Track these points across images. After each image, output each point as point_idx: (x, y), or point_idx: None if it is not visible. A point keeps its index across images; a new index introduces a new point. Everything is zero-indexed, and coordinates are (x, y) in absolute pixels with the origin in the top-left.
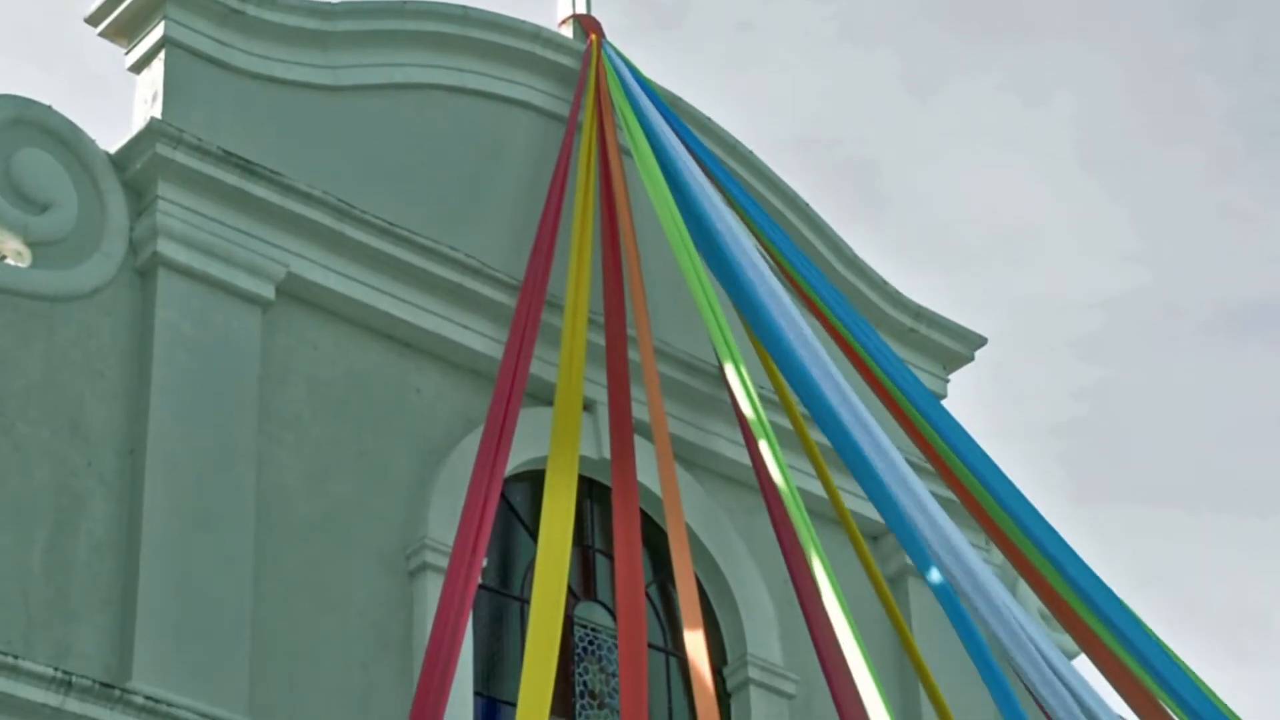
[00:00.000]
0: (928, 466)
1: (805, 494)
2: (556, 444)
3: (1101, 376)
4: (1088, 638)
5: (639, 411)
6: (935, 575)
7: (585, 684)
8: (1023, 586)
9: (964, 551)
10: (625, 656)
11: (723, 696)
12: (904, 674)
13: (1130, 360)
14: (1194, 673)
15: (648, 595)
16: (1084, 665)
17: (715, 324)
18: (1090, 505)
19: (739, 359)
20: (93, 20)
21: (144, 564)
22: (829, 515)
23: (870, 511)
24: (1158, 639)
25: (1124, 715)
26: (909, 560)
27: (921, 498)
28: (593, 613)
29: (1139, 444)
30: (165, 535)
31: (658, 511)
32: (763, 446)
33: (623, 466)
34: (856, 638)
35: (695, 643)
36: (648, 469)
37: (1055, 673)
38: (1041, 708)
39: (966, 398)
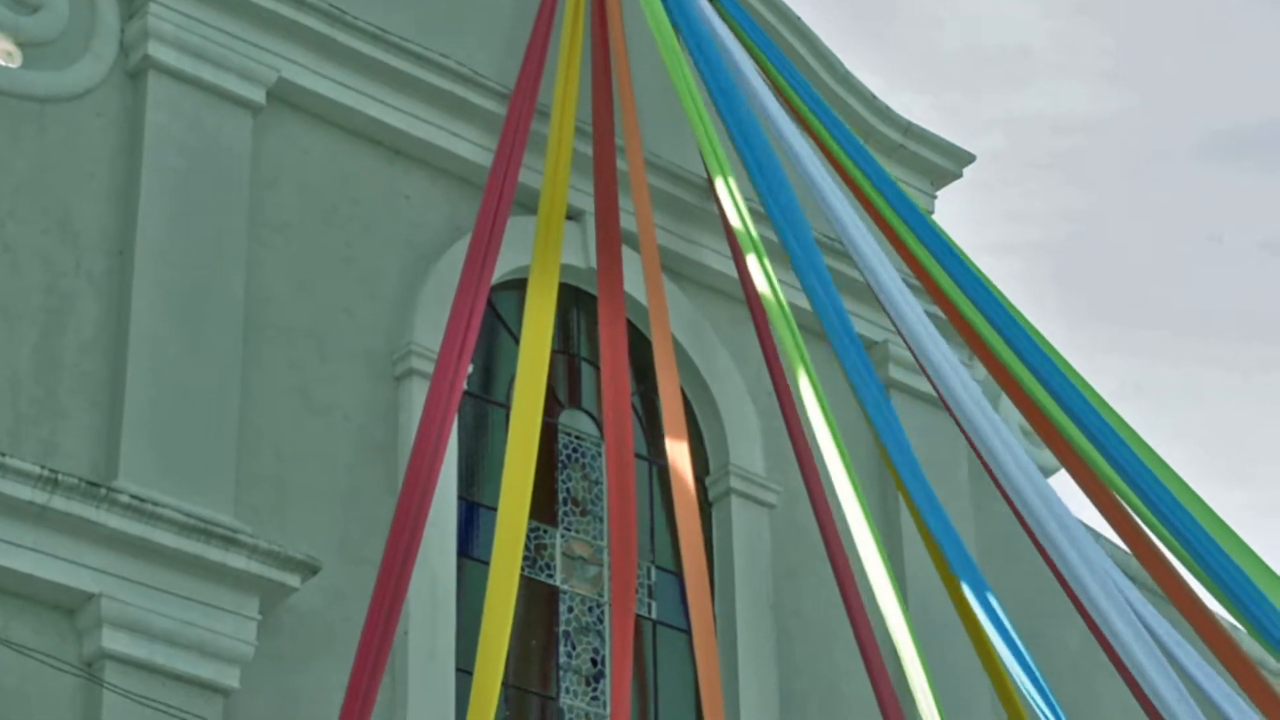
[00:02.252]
0: (914, 282)
1: (791, 307)
2: (539, 252)
3: (1090, 198)
4: (1067, 453)
5: (626, 222)
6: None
7: (569, 491)
8: (1005, 401)
9: (948, 364)
10: (612, 465)
11: (704, 506)
12: (885, 488)
13: (1119, 182)
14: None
15: (631, 405)
16: (1063, 482)
17: (705, 135)
18: (1076, 324)
19: (728, 170)
20: None
21: (131, 364)
22: (814, 328)
23: (857, 326)
24: (1140, 445)
25: (1100, 529)
26: (893, 374)
27: (903, 310)
28: (577, 421)
29: (1126, 265)
30: (153, 336)
31: (643, 321)
32: (750, 259)
33: (609, 276)
34: (840, 450)
35: (678, 452)
36: (634, 279)
37: (1033, 485)
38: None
39: (954, 216)
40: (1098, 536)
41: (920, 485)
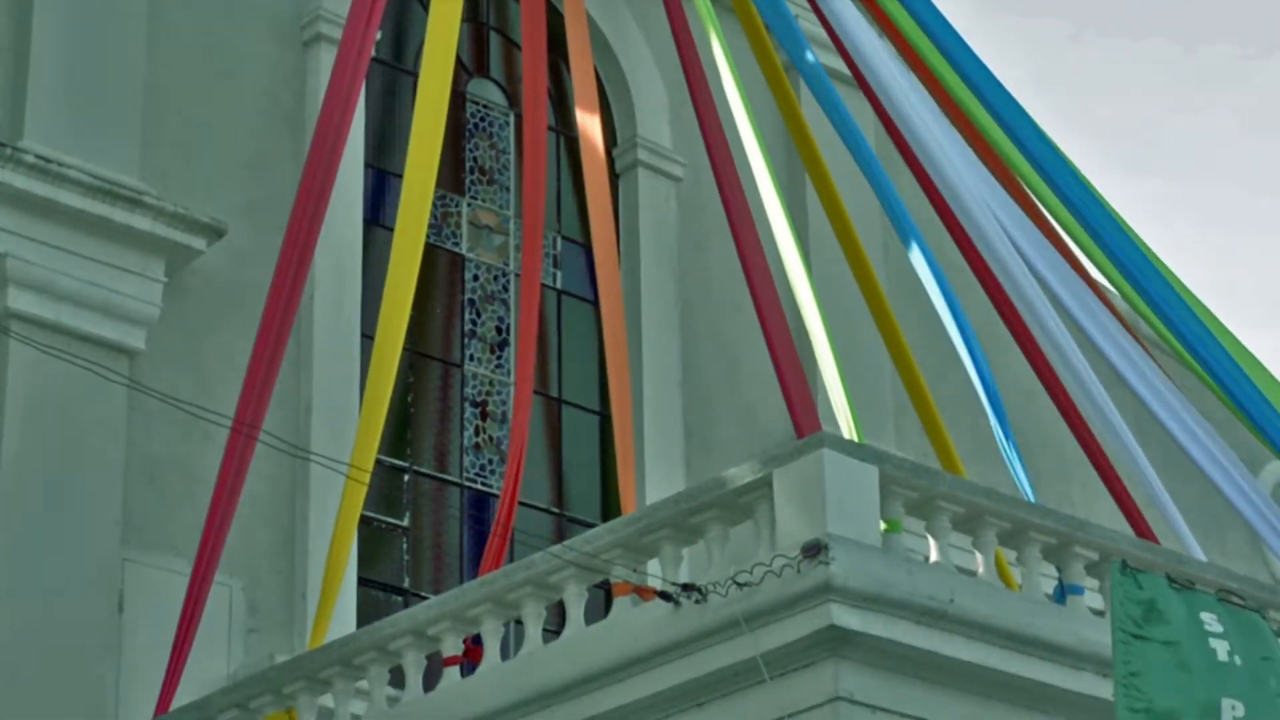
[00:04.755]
0: None
1: None
2: None
3: None
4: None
5: None
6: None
7: (475, 160)
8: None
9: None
10: (529, 140)
11: (610, 178)
12: (792, 165)
13: None
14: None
15: None
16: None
17: None
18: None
19: None
20: None
21: (37, 24)
22: (725, 3)
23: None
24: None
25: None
26: (809, 58)
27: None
28: (485, 90)
29: None
30: None
31: None
32: None
33: None
34: (751, 119)
35: (590, 124)
36: None
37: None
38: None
39: None
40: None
41: (864, 155)
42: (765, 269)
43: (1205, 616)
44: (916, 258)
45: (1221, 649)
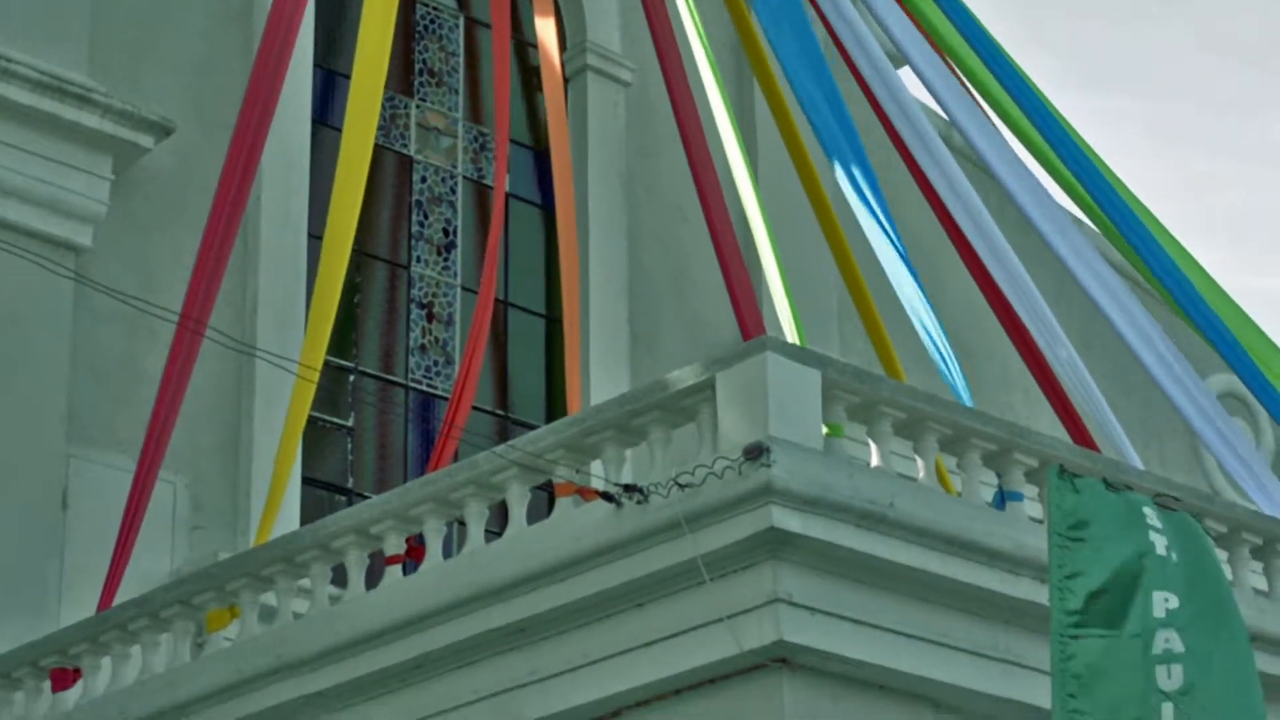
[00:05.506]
0: None
1: None
2: None
3: None
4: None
5: None
6: None
7: (425, 62)
8: None
9: None
10: (497, 51)
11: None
12: (740, 71)
13: None
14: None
15: None
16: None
17: None
18: None
19: None
20: None
21: None
22: None
23: None
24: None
25: None
26: None
27: None
28: None
29: None
30: None
31: None
32: None
33: None
34: (698, 27)
35: (545, 29)
36: None
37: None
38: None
39: None
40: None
41: (804, 63)
42: (714, 174)
43: (1146, 511)
44: (840, 176)
45: (1160, 542)
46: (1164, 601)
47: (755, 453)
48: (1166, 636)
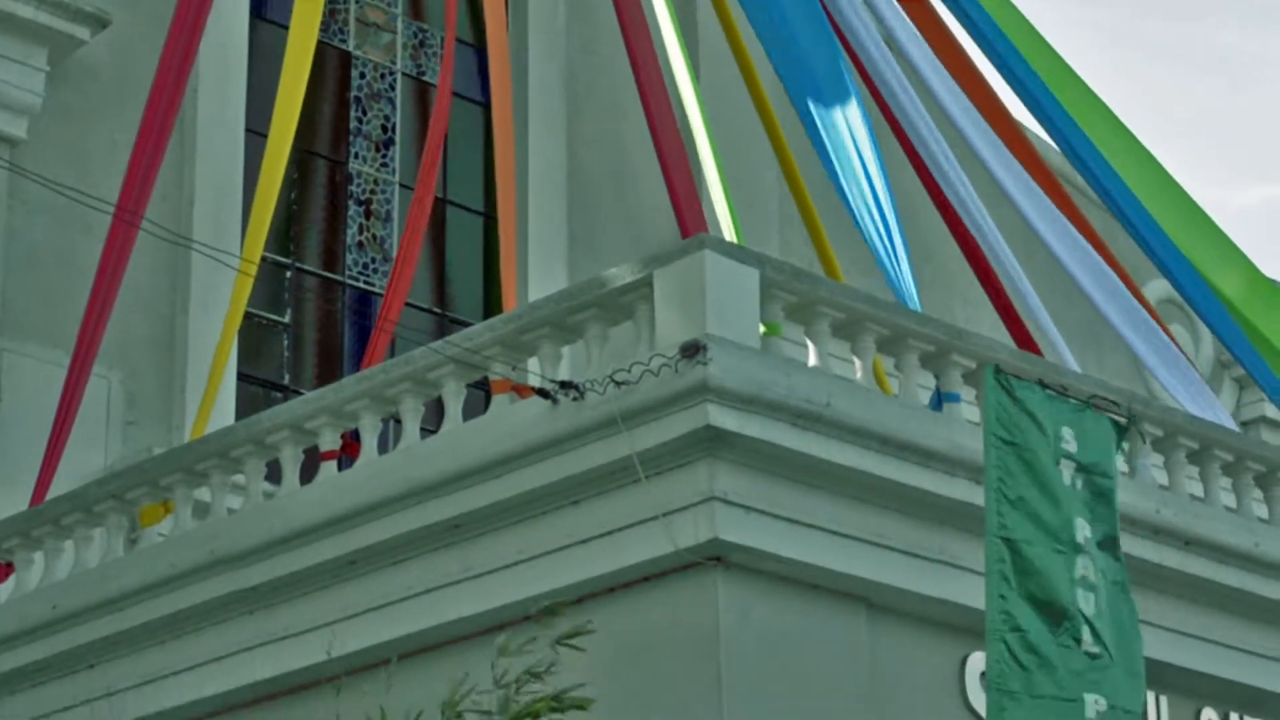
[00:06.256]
0: None
1: None
2: None
3: None
4: None
5: None
6: None
7: None
8: None
9: None
10: None
11: None
12: None
13: None
14: None
15: None
16: None
17: None
18: None
19: None
20: None
21: None
22: None
23: None
24: None
25: None
26: None
27: None
28: None
29: None
30: None
31: None
32: None
33: None
34: None
35: None
36: None
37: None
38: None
39: None
40: None
41: None
42: (656, 72)
43: (1065, 432)
44: (783, 74)
45: (1068, 471)
46: (1082, 529)
47: (692, 350)
48: (1084, 564)
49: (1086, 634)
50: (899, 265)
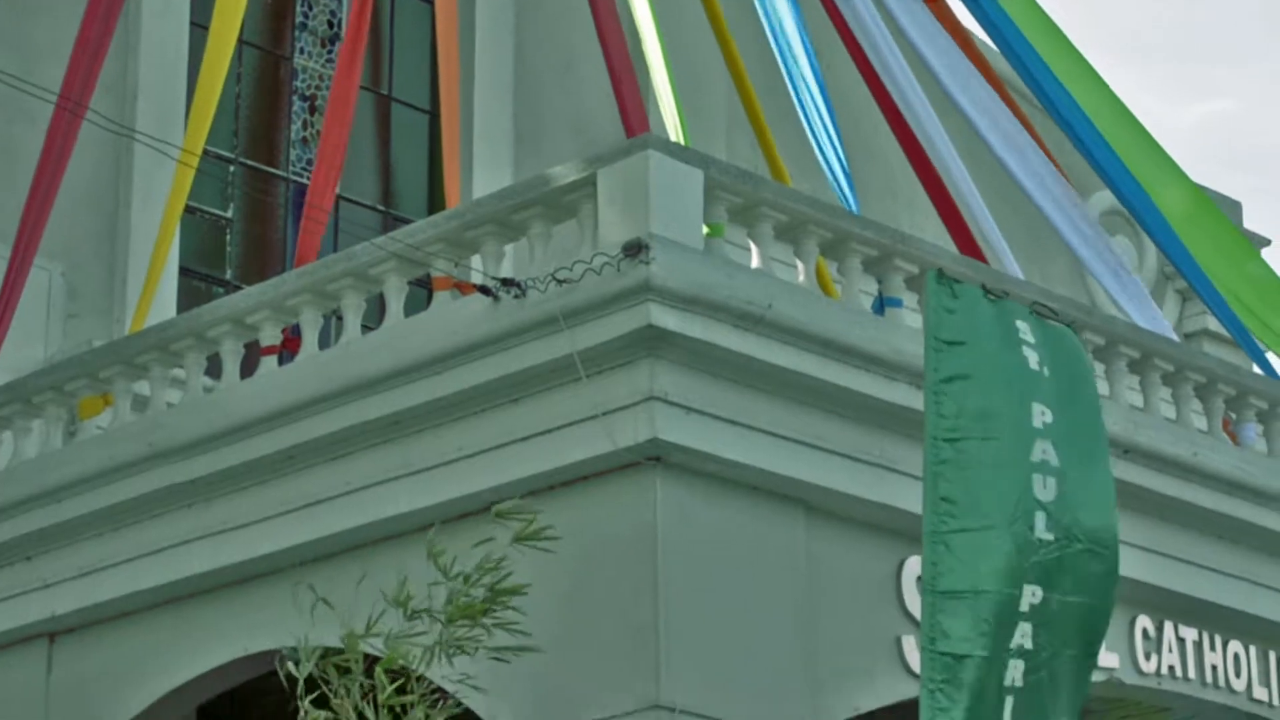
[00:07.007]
0: None
1: None
2: None
3: None
4: None
5: None
6: None
7: None
8: None
9: None
10: None
11: None
12: None
13: None
14: None
15: None
16: None
17: None
18: None
19: None
20: None
21: None
22: None
23: None
24: None
25: None
26: None
27: None
28: None
29: None
30: None
31: None
32: None
33: None
34: None
35: None
36: None
37: None
38: None
39: None
40: None
41: None
42: None
43: (1019, 325)
44: None
45: (1032, 358)
46: (1040, 414)
47: (635, 250)
48: (1044, 448)
49: (1040, 521)
50: (840, 168)
